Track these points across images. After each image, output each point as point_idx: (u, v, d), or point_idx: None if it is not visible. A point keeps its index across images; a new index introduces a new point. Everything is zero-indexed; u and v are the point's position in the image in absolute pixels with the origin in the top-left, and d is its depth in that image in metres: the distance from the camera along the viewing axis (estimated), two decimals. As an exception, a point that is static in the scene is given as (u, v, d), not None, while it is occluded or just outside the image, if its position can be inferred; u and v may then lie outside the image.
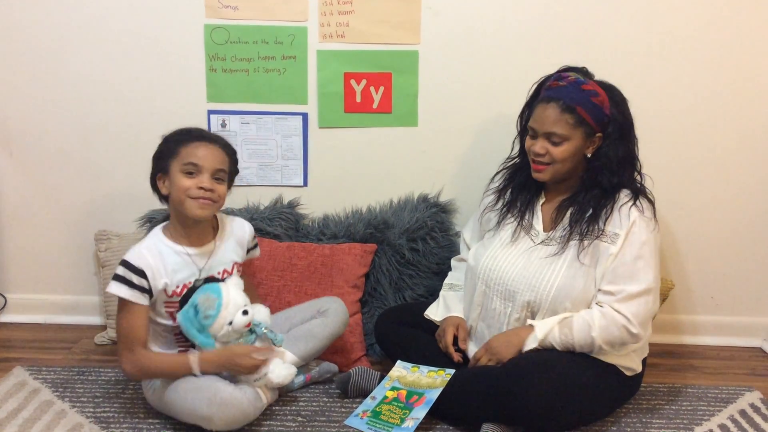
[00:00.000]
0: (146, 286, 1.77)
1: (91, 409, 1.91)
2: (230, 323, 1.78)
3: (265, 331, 1.85)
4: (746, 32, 2.26)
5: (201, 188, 1.77)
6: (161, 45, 2.29)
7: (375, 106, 2.35)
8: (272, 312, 1.97)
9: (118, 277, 1.76)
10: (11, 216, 2.45)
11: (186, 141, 1.80)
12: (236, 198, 2.31)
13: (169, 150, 1.80)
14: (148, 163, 1.86)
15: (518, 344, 1.82)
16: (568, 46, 2.28)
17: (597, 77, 1.89)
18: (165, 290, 1.81)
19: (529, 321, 1.83)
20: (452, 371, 1.86)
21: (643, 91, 2.30)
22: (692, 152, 2.37)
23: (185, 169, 1.77)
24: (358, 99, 2.35)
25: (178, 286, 1.82)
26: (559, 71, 1.89)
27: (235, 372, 1.80)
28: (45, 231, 2.46)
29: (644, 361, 1.94)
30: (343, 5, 2.26)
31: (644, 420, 1.94)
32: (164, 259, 1.80)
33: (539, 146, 1.84)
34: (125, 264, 1.77)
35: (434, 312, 2.06)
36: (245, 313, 1.80)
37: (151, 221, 2.30)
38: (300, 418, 1.89)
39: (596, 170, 1.83)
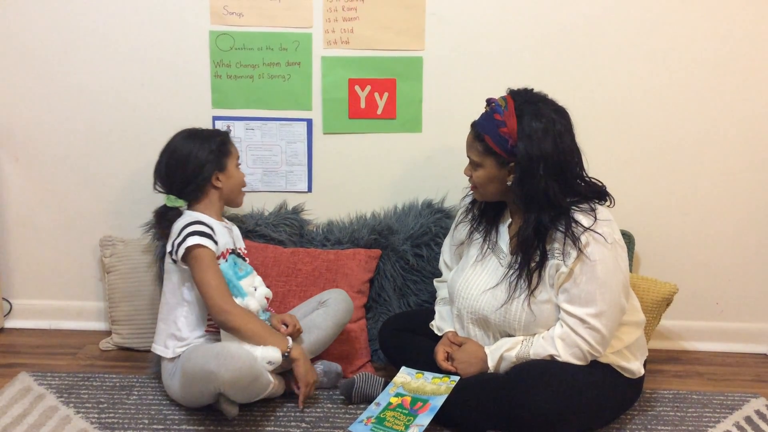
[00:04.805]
0: (216, 240, 1.92)
1: (96, 415, 1.91)
2: (255, 289, 1.97)
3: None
4: (750, 34, 2.27)
5: None
6: (166, 51, 2.30)
7: (379, 112, 2.36)
8: (276, 313, 2.05)
9: (197, 233, 1.87)
10: (16, 221, 2.46)
11: (228, 140, 2.06)
12: (241, 204, 2.32)
13: (224, 150, 2.02)
14: (152, 169, 1.88)
15: (481, 367, 1.86)
16: (572, 52, 2.28)
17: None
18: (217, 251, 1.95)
19: (487, 349, 1.87)
20: (457, 378, 1.86)
21: (645, 95, 2.31)
22: (697, 156, 2.37)
23: (237, 164, 2.06)
24: (363, 105, 2.35)
25: (223, 250, 1.97)
26: (504, 95, 1.83)
27: (297, 368, 1.88)
28: (50, 236, 2.47)
29: (644, 364, 1.94)
30: (347, 12, 2.27)
31: (649, 427, 1.94)
32: (212, 224, 1.96)
33: (466, 168, 1.90)
34: (197, 223, 1.91)
35: (433, 326, 2.07)
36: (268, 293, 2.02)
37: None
38: (304, 424, 1.89)
39: (520, 200, 1.78)
